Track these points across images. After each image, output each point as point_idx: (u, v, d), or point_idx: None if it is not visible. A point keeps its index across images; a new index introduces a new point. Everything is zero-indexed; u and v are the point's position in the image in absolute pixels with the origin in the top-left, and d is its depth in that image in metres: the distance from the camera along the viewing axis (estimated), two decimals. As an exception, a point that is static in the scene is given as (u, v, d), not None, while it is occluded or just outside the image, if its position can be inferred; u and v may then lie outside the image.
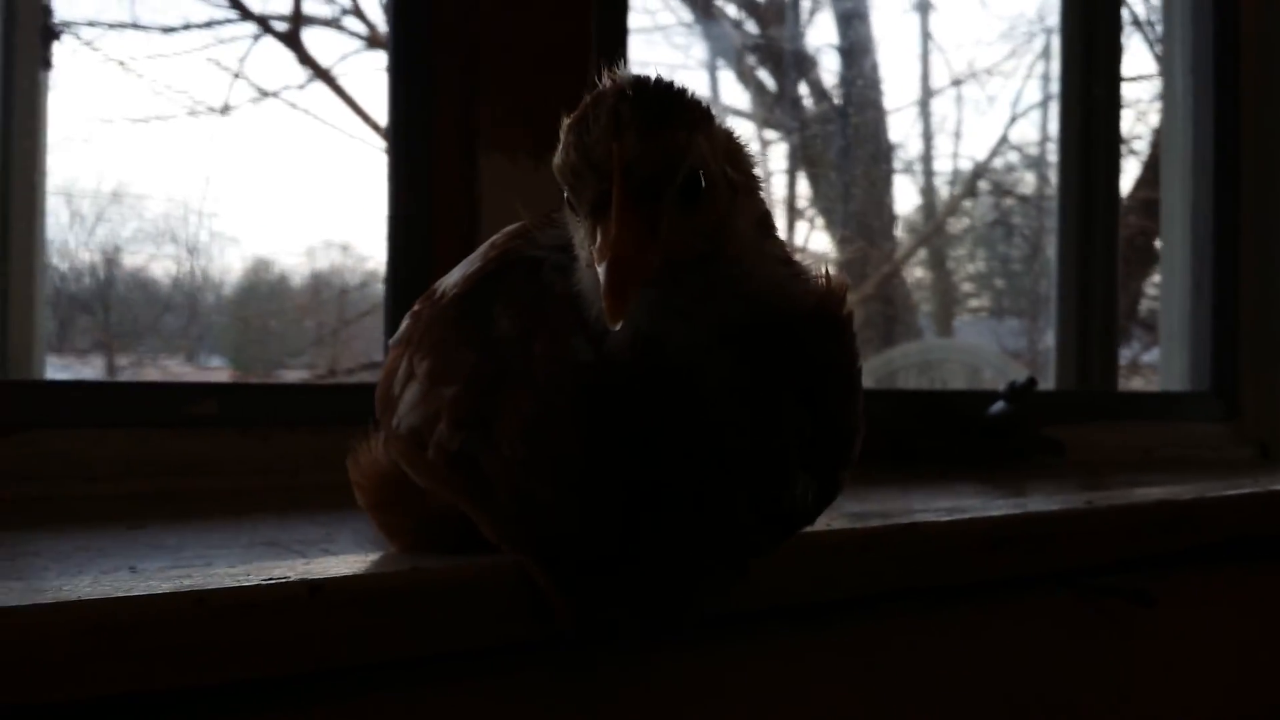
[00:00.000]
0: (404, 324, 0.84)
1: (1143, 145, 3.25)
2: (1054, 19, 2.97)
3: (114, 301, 3.31)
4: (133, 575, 0.68)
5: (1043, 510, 1.08)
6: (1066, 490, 1.29)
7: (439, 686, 0.78)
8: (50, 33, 1.54)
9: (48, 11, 1.54)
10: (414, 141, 1.29)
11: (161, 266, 3.14)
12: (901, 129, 3.26)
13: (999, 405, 1.63)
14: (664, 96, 0.66)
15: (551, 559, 0.72)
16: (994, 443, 1.61)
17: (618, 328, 0.62)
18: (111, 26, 2.92)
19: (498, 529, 0.73)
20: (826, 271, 0.74)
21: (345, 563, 0.74)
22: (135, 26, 2.94)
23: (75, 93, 2.85)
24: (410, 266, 1.37)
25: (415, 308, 0.84)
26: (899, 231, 3.40)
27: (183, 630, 0.63)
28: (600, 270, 0.61)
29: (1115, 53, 2.18)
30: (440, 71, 1.26)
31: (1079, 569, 1.12)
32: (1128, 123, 2.63)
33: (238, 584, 0.66)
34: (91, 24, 2.99)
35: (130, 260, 3.32)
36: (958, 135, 3.41)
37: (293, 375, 2.56)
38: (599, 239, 0.63)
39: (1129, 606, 1.14)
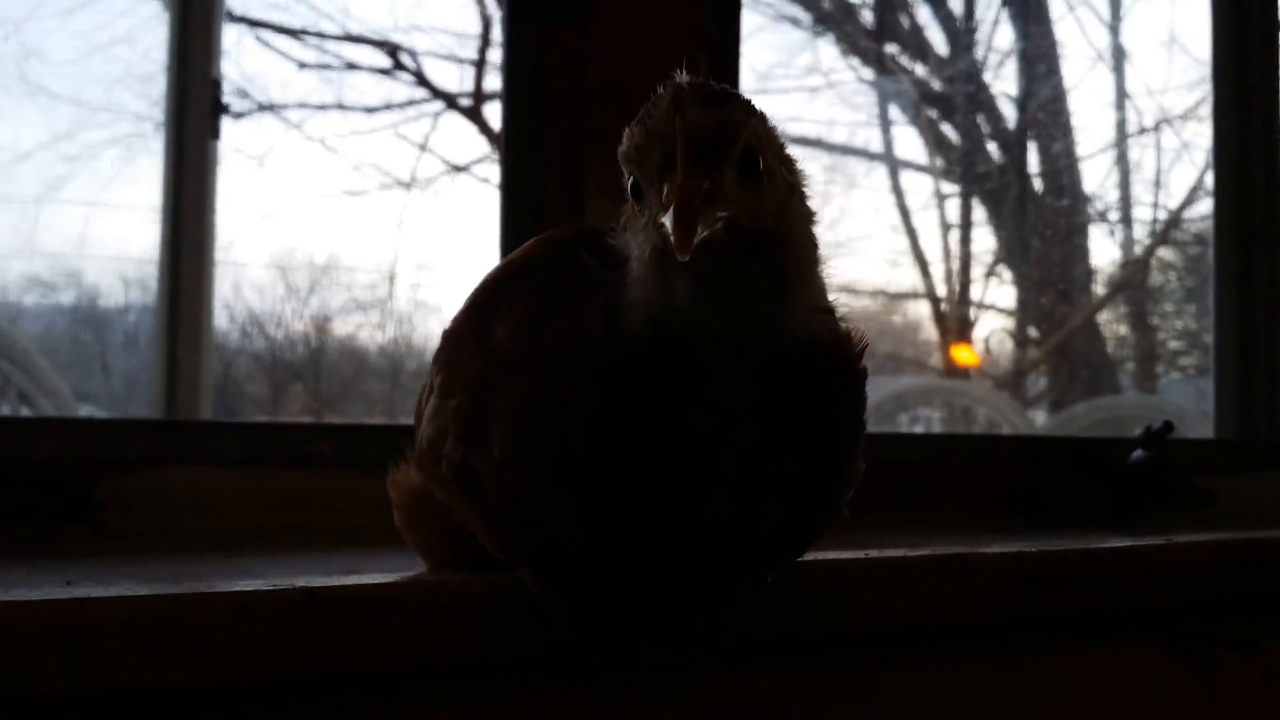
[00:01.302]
0: None
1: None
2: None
3: (324, 368, 3.52)
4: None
5: (1110, 547, 0.98)
6: (1188, 533, 1.18)
7: (426, 700, 0.77)
8: (219, 106, 1.65)
9: (216, 85, 1.66)
10: (524, 188, 1.32)
11: (367, 334, 3.32)
12: (1095, 178, 3.11)
13: (1138, 453, 1.52)
14: (720, 89, 0.68)
15: (545, 566, 0.71)
16: (1134, 491, 1.50)
17: (686, 258, 0.61)
18: (319, 108, 3.14)
19: (493, 537, 0.72)
20: (847, 323, 0.73)
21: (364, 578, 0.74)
22: (340, 108, 3.15)
23: (285, 170, 3.06)
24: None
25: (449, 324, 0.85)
26: (1096, 285, 3.23)
27: (187, 628, 0.66)
28: (667, 215, 0.62)
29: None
30: (549, 124, 1.29)
31: (1161, 610, 1.02)
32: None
33: (244, 589, 0.68)
34: (301, 105, 3.22)
35: (339, 329, 3.53)
36: (1157, 184, 3.22)
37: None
38: (665, 191, 0.63)
39: (1223, 651, 1.03)
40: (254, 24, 2.71)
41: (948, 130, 3.23)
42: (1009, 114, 3.16)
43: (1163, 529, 1.24)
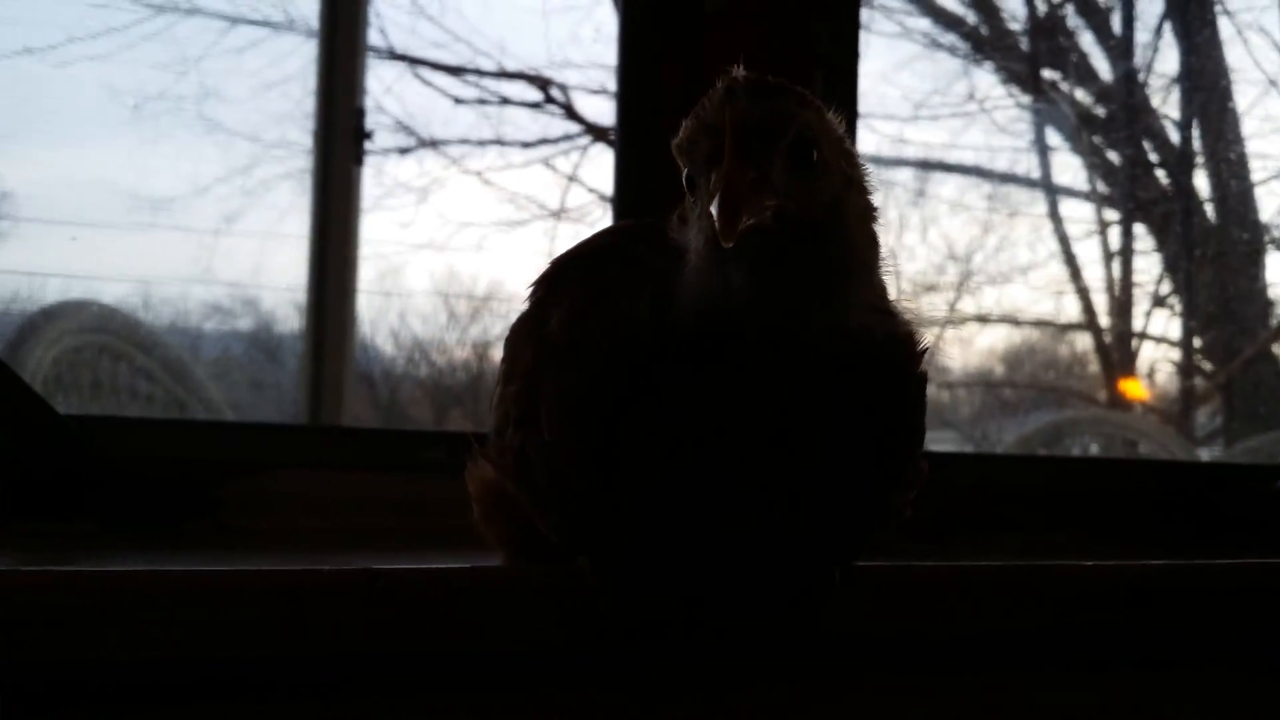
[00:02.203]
0: None
1: None
2: None
3: (482, 393, 3.60)
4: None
5: (1199, 563, 0.91)
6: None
7: (480, 685, 0.77)
8: (361, 134, 1.72)
9: (359, 114, 1.72)
10: (636, 203, 1.33)
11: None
12: (1271, 205, 2.95)
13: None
14: (775, 82, 0.68)
15: (596, 554, 0.70)
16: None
17: (729, 245, 0.61)
18: (477, 144, 3.24)
19: (545, 522, 0.71)
20: (911, 322, 0.70)
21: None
22: (498, 143, 3.25)
23: (446, 203, 3.17)
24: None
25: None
26: (1276, 315, 3.04)
27: (255, 604, 0.68)
28: (714, 203, 0.62)
29: None
30: (661, 139, 1.29)
31: (1261, 635, 0.94)
32: None
33: (306, 569, 0.69)
34: (462, 141, 3.33)
35: (497, 355, 3.59)
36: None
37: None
38: (713, 180, 0.63)
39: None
40: (415, 61, 2.83)
41: (1110, 155, 3.10)
42: (1174, 138, 3.02)
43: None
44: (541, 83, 2.84)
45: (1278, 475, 1.39)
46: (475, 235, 3.18)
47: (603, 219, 3.12)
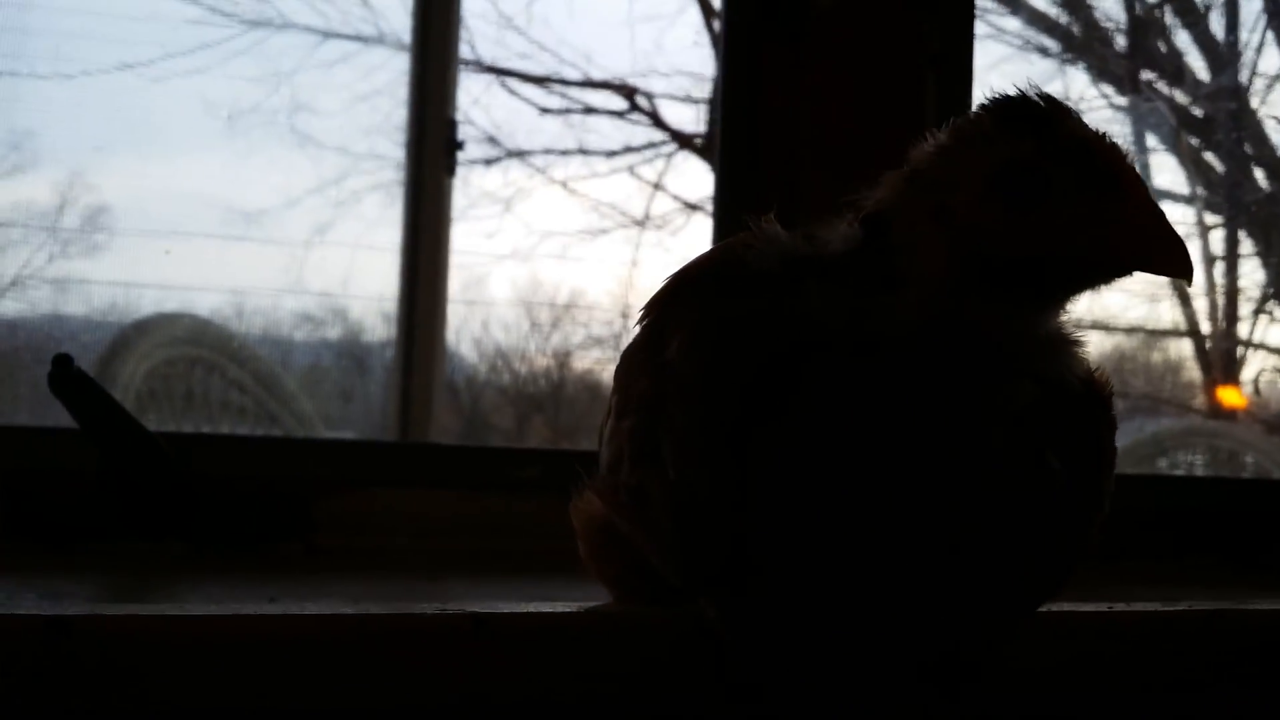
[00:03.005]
0: None
1: None
2: None
3: (563, 400, 3.56)
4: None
5: None
6: None
7: None
8: (453, 144, 1.67)
9: (452, 125, 1.68)
10: (739, 212, 1.25)
11: (604, 369, 3.34)
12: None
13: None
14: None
15: (722, 593, 0.62)
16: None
17: (1190, 283, 0.60)
18: (561, 153, 3.20)
19: (667, 563, 0.64)
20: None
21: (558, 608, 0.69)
22: (582, 152, 3.20)
23: (530, 212, 3.13)
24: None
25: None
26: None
27: (348, 650, 0.61)
28: (1126, 229, 0.58)
29: None
30: (763, 145, 1.22)
31: None
32: None
33: (405, 612, 0.63)
34: (546, 151, 3.29)
35: (578, 363, 3.57)
36: None
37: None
38: (1117, 206, 0.58)
39: None
40: (502, 72, 2.79)
41: (1210, 157, 2.97)
42: (1278, 140, 2.88)
43: None
44: (627, 91, 2.79)
45: None
46: (559, 244, 3.14)
47: (687, 227, 3.05)
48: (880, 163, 0.74)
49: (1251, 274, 3.03)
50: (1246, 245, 2.92)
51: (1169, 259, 0.59)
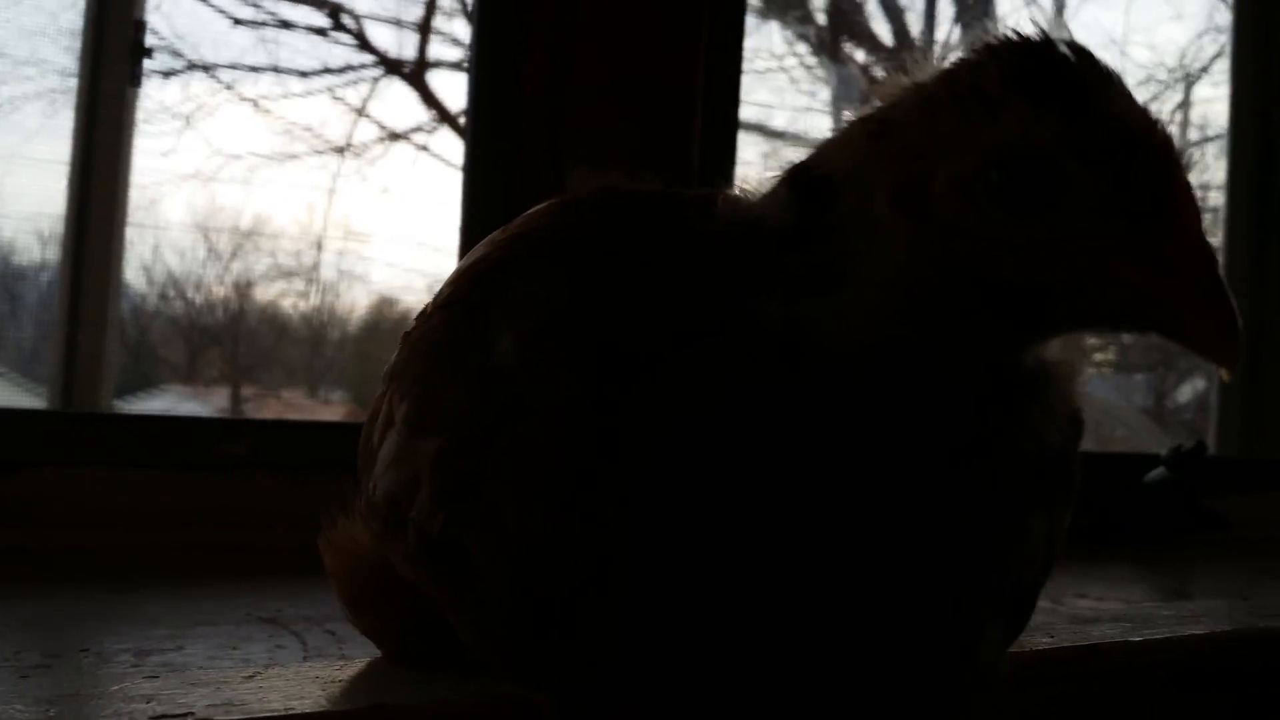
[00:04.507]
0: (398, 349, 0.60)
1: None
2: (1192, 67, 2.71)
3: (243, 334, 3.23)
4: (71, 663, 0.47)
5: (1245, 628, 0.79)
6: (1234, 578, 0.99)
7: None
8: (140, 50, 1.39)
9: (139, 27, 1.40)
10: (493, 163, 1.09)
11: (290, 302, 3.05)
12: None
13: (1158, 471, 1.34)
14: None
15: (564, 683, 0.47)
16: (1150, 516, 1.32)
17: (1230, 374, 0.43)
18: (251, 69, 2.84)
19: (491, 644, 0.48)
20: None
21: (303, 676, 0.51)
22: (275, 70, 2.85)
23: (213, 131, 2.77)
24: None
25: (411, 325, 0.60)
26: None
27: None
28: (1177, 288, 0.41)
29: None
30: (526, 91, 1.06)
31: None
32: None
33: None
34: (233, 66, 2.92)
35: (261, 295, 3.25)
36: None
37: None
38: (1145, 236, 0.42)
39: None
40: (185, -28, 2.42)
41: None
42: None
43: (1188, 562, 1.07)
44: (331, 8, 2.50)
45: (1148, 465, 1.30)
46: (245, 167, 2.81)
47: (388, 157, 2.80)
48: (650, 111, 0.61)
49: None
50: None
51: (1213, 338, 0.43)
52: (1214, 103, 2.54)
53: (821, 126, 3.06)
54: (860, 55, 2.95)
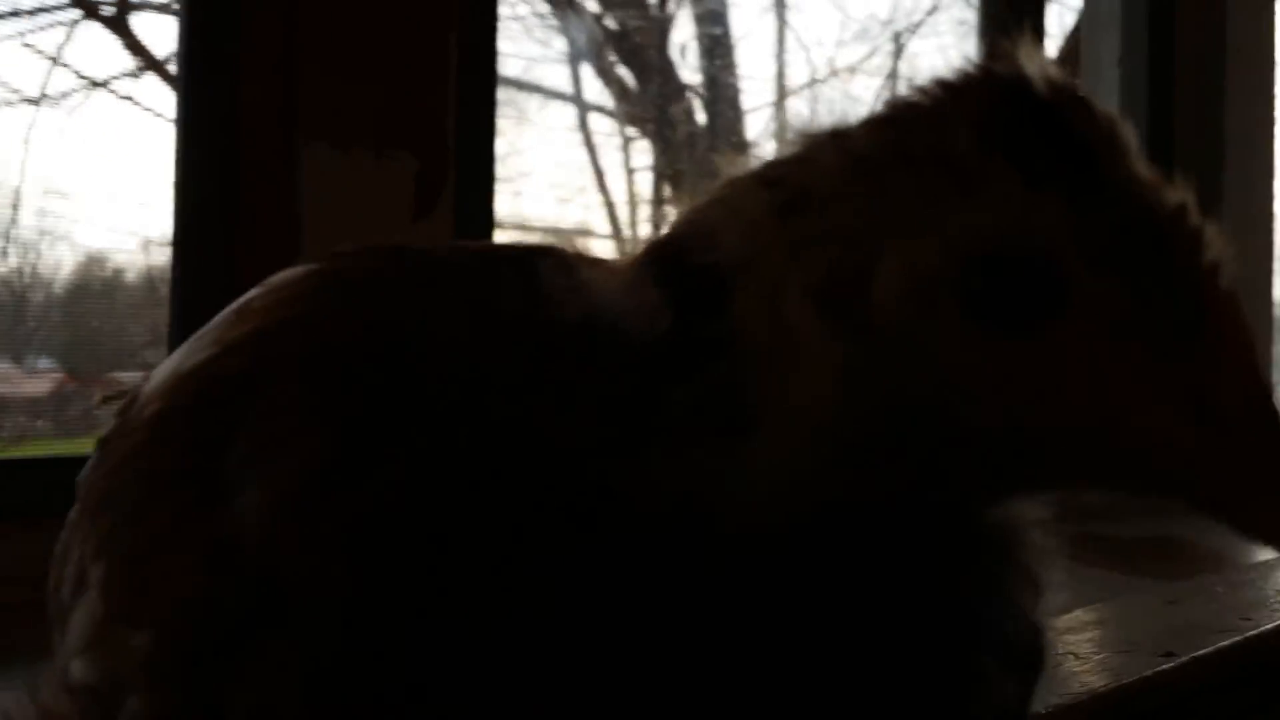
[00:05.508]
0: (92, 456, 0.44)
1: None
2: (904, 21, 2.84)
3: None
4: None
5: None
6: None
7: None
8: None
9: None
10: (210, 125, 0.98)
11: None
12: (757, 128, 3.07)
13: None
14: None
15: None
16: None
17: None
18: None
19: None
20: None
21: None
22: (-42, 12, 2.53)
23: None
24: (201, 284, 1.06)
25: (109, 428, 0.44)
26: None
27: None
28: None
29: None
30: (249, 43, 0.95)
31: None
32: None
33: None
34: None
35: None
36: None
37: (127, 377, 2.25)
38: (1173, 364, 0.29)
39: None
40: None
41: (626, 74, 3.10)
42: (687, 60, 3.07)
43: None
44: (13, -61, 2.22)
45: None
46: (-78, 120, 2.50)
47: (88, 106, 2.54)
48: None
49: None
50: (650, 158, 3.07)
51: (1272, 525, 0.31)
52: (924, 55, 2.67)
53: (558, 76, 3.02)
54: (593, 4, 2.92)
